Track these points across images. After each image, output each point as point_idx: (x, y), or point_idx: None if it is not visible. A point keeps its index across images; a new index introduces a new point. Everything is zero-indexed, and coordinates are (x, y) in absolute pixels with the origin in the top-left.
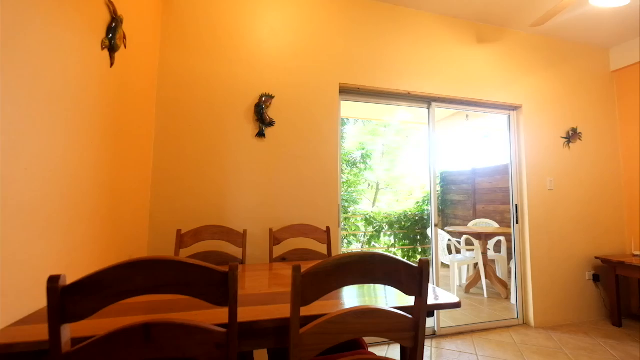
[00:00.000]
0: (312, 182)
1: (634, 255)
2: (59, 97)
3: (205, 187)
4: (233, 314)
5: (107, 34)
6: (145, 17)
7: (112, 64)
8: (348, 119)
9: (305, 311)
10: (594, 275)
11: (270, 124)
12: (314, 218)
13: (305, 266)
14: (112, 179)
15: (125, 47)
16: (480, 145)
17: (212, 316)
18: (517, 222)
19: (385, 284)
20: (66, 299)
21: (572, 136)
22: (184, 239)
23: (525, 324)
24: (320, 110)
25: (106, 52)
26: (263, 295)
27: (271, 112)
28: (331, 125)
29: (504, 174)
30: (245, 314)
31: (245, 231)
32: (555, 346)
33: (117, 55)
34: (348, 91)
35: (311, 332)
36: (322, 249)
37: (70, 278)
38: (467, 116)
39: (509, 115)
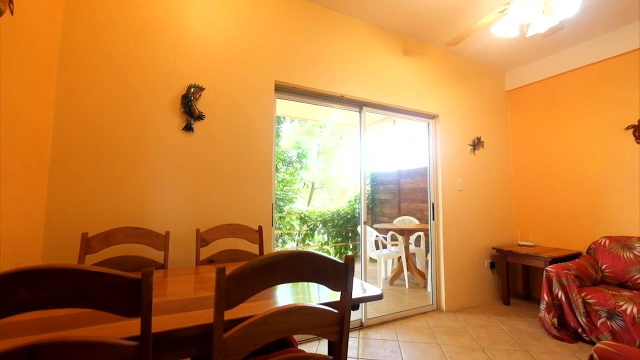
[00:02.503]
0: (244, 180)
1: (519, 245)
2: None
3: (120, 184)
4: (146, 325)
5: None
6: None
7: None
8: (284, 118)
9: (231, 314)
10: (491, 263)
11: (200, 117)
12: (247, 217)
13: (233, 267)
14: None
15: (12, 13)
16: (405, 148)
17: (123, 329)
18: (433, 219)
19: (313, 281)
20: None
21: (477, 144)
22: (91, 244)
23: (438, 309)
24: (254, 106)
25: None
26: (187, 301)
27: (201, 105)
28: (266, 123)
29: (424, 175)
30: (164, 322)
31: (167, 232)
32: (460, 326)
33: None
34: (284, 89)
35: (236, 335)
36: (254, 249)
37: None
38: (394, 122)
39: (428, 123)
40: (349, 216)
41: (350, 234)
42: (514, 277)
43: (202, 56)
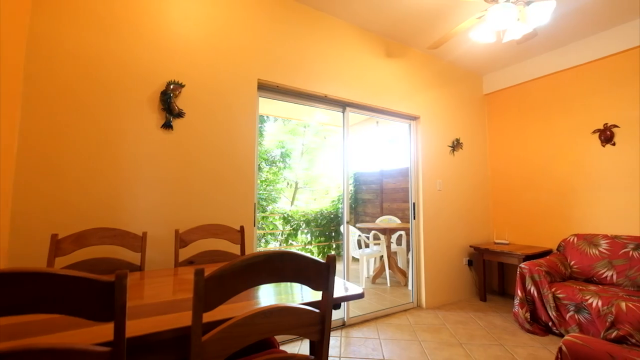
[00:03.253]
0: (226, 179)
1: (495, 243)
2: None
3: (95, 183)
4: (120, 330)
5: None
6: None
7: None
8: (268, 117)
9: (210, 317)
10: (468, 260)
11: (179, 115)
12: (228, 218)
13: (213, 268)
14: None
15: None
16: (387, 149)
17: (96, 334)
18: (414, 218)
19: (294, 281)
20: None
21: (456, 145)
22: (61, 245)
23: (418, 306)
24: (236, 104)
25: None
26: (165, 304)
27: (181, 102)
28: (248, 121)
29: (405, 175)
30: (140, 326)
31: (145, 233)
32: (440, 323)
33: None
34: (267, 88)
35: (215, 338)
36: (236, 249)
37: None
38: (377, 122)
39: (410, 124)
40: (332, 216)
41: (333, 234)
42: (490, 274)
43: (183, 52)
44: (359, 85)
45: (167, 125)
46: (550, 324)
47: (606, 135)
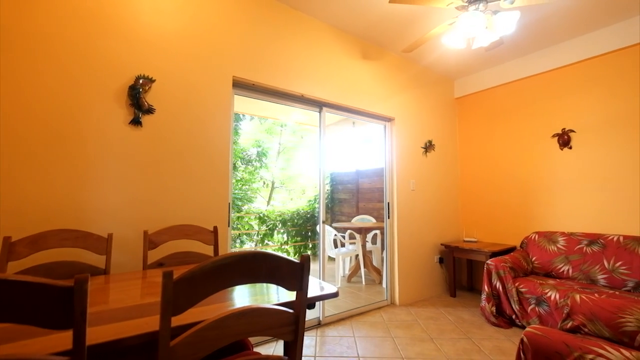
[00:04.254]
0: (199, 178)
1: (464, 241)
2: None
3: (55, 181)
4: (80, 337)
5: None
6: None
7: None
8: (244, 115)
9: (179, 320)
10: (439, 258)
11: (149, 111)
12: (201, 218)
13: (184, 270)
14: None
15: None
16: (363, 149)
17: (53, 343)
18: (388, 217)
19: (268, 282)
20: None
21: (428, 147)
22: (15, 249)
23: (392, 303)
24: (210, 101)
25: None
26: (131, 308)
27: (151, 98)
28: (223, 119)
29: (381, 175)
30: (103, 333)
31: (110, 235)
32: (412, 319)
33: None
34: (242, 86)
35: (184, 342)
36: (209, 250)
37: None
38: (353, 123)
39: (385, 125)
40: (308, 215)
41: (310, 234)
42: (459, 271)
43: (153, 46)
44: (336, 85)
45: (135, 122)
46: (514, 316)
47: (564, 140)
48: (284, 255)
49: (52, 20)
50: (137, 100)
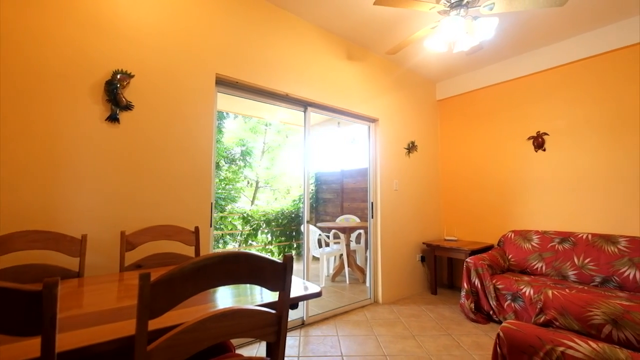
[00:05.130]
0: (180, 177)
1: (445, 240)
2: None
3: (23, 180)
4: (48, 344)
5: None
6: None
7: None
8: (228, 113)
9: (157, 324)
10: (421, 256)
11: (127, 107)
12: (183, 218)
13: (161, 272)
14: None
15: None
16: (348, 149)
17: (21, 350)
18: (372, 217)
19: (250, 282)
20: None
21: (411, 148)
22: None
23: (375, 302)
24: (192, 98)
25: None
26: (106, 312)
27: (129, 94)
28: (205, 117)
29: (365, 175)
30: (75, 338)
31: (84, 236)
32: (395, 317)
33: None
34: (226, 84)
35: (162, 346)
36: (190, 251)
37: None
38: (338, 123)
39: (369, 126)
40: (293, 215)
41: (294, 233)
42: (440, 269)
43: (132, 40)
44: (321, 85)
45: (112, 118)
46: (491, 312)
47: (538, 142)
48: (267, 255)
49: (17, 6)
50: (114, 96)
